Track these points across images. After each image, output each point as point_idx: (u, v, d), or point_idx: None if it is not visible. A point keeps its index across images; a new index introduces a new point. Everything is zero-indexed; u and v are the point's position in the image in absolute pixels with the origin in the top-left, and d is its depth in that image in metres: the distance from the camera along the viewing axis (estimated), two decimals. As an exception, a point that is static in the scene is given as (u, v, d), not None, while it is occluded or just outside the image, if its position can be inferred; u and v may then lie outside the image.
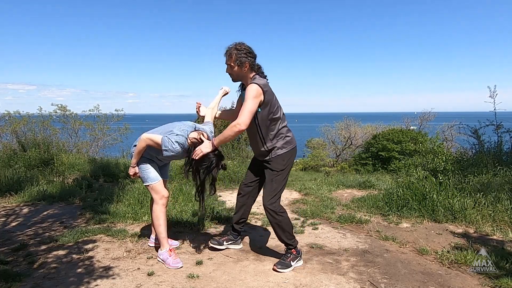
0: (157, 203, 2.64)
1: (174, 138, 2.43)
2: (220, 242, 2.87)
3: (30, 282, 2.28)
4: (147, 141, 2.50)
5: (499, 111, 5.23)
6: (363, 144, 21.12)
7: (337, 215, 3.88)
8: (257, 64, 2.56)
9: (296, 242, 2.63)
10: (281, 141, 2.56)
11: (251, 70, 2.53)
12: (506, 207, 3.50)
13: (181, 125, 2.57)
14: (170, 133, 2.47)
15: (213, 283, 2.32)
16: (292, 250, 2.59)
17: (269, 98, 2.46)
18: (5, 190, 4.61)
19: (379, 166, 16.07)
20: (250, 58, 2.49)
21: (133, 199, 4.06)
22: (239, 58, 2.46)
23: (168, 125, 2.64)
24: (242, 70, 2.50)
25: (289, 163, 2.59)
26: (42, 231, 3.28)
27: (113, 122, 12.62)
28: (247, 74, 2.53)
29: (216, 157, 2.44)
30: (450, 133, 16.57)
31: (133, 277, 2.38)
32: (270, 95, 2.48)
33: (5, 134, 8.68)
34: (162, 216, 2.64)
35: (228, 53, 2.50)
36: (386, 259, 2.73)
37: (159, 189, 2.64)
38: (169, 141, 2.41)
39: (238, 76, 2.57)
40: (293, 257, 2.57)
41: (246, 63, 2.48)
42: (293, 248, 2.59)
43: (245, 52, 2.47)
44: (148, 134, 2.51)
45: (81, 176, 5.85)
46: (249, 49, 2.50)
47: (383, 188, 4.93)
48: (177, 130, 2.49)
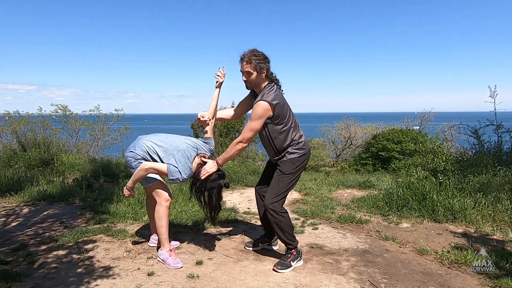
0: (161, 204, 2.62)
1: (179, 165, 2.44)
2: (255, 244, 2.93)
3: (30, 282, 2.28)
4: (149, 171, 2.48)
5: (499, 111, 5.23)
6: (363, 144, 21.11)
7: (337, 215, 3.88)
8: (271, 72, 2.53)
9: (296, 242, 2.62)
10: (294, 147, 2.54)
11: (266, 77, 2.50)
12: (506, 207, 3.50)
13: (184, 148, 2.52)
14: (171, 157, 2.47)
15: (213, 283, 2.32)
16: (292, 251, 2.59)
17: (279, 112, 2.42)
18: (5, 190, 4.61)
19: (379, 166, 16.08)
20: (267, 64, 2.47)
21: (133, 199, 4.05)
22: (259, 63, 2.41)
23: (168, 139, 2.58)
24: (260, 77, 2.46)
25: (300, 167, 2.56)
26: (42, 231, 3.28)
27: (113, 122, 12.62)
28: (262, 81, 2.50)
29: (219, 177, 2.49)
30: (450, 133, 16.56)
31: (133, 277, 2.38)
32: (281, 108, 2.42)
33: (5, 134, 8.68)
34: (165, 217, 2.63)
35: (246, 59, 2.43)
36: (386, 259, 2.73)
37: (161, 191, 2.63)
38: (175, 171, 2.43)
39: (255, 84, 2.51)
40: (293, 258, 2.57)
41: (264, 69, 2.45)
42: (293, 249, 2.59)
43: (263, 58, 2.45)
44: (151, 164, 2.47)
45: (81, 176, 5.86)
46: (265, 55, 2.47)
47: (383, 188, 4.93)
48: (180, 157, 2.47)
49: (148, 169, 2.46)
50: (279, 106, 2.41)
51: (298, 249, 2.63)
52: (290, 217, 2.64)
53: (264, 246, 2.93)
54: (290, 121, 2.52)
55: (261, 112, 2.36)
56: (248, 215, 3.96)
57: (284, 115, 2.47)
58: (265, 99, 2.38)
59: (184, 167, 2.46)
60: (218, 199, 2.56)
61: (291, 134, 2.52)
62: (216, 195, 2.53)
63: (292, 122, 2.53)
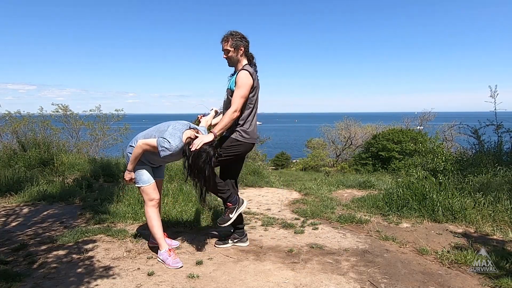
0: (147, 205, 2.66)
1: (168, 136, 2.42)
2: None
3: (30, 282, 2.28)
4: (143, 147, 2.50)
5: (499, 111, 5.23)
6: (363, 144, 21.13)
7: (337, 215, 3.89)
8: (250, 52, 2.79)
9: (227, 194, 2.70)
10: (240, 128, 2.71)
11: (245, 55, 2.75)
12: (506, 207, 3.50)
13: (175, 123, 2.56)
14: (163, 133, 2.46)
15: (213, 283, 2.32)
16: (227, 204, 2.71)
17: (256, 85, 2.69)
18: (5, 190, 4.61)
19: (379, 166, 16.10)
20: (244, 42, 2.72)
21: (133, 199, 4.06)
22: (235, 41, 2.68)
23: (162, 124, 2.63)
24: (238, 54, 2.72)
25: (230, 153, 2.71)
26: (42, 231, 3.28)
27: (113, 122, 12.62)
28: (241, 59, 2.75)
29: (212, 148, 2.43)
30: (450, 133, 16.57)
31: (133, 277, 2.38)
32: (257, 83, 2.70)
33: (5, 134, 8.68)
34: (155, 217, 2.65)
35: (224, 39, 2.71)
36: (386, 259, 2.73)
37: (149, 192, 2.64)
38: (164, 141, 2.41)
39: (234, 61, 2.76)
40: (230, 210, 2.70)
41: (241, 47, 2.71)
42: (226, 202, 2.71)
43: (240, 37, 2.70)
44: (143, 140, 2.51)
45: (81, 176, 5.86)
46: (243, 35, 2.73)
47: (383, 188, 4.93)
48: (171, 129, 2.48)
49: (142, 146, 2.49)
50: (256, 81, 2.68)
51: (233, 199, 2.72)
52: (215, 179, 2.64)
53: (234, 242, 3.00)
54: (253, 107, 2.73)
55: (245, 78, 2.61)
56: (248, 215, 3.96)
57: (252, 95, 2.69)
58: (245, 69, 2.66)
59: (173, 136, 2.42)
60: (209, 170, 2.45)
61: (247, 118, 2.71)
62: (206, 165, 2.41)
63: (254, 108, 2.74)
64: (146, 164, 2.66)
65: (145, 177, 2.63)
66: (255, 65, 2.82)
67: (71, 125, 11.47)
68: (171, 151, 2.41)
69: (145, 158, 2.62)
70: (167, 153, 2.41)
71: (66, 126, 11.31)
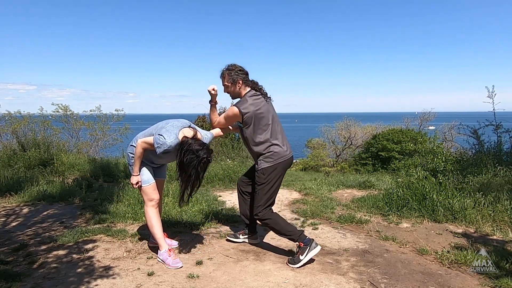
0: (147, 205, 2.66)
1: (164, 132, 2.41)
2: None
3: (30, 282, 2.28)
4: (143, 145, 2.50)
5: (498, 111, 5.23)
6: (363, 144, 21.12)
7: (337, 215, 3.89)
8: (251, 80, 2.77)
9: (297, 233, 2.64)
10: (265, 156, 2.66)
11: (245, 85, 2.74)
12: (506, 207, 3.50)
13: (174, 121, 2.55)
14: (161, 129, 2.46)
15: (213, 283, 2.32)
16: (299, 244, 2.61)
17: (248, 120, 2.62)
18: (5, 190, 4.61)
19: (379, 166, 16.09)
20: (241, 75, 2.71)
21: (133, 199, 4.06)
22: (231, 77, 2.70)
23: (163, 122, 2.62)
24: (236, 87, 2.73)
25: (272, 176, 2.65)
26: (42, 231, 3.28)
27: (113, 122, 12.61)
28: (242, 90, 2.74)
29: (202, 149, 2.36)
30: (450, 133, 16.57)
31: (133, 277, 2.38)
32: (250, 118, 2.62)
33: (5, 134, 8.67)
34: (154, 217, 2.65)
35: (222, 75, 2.76)
36: (386, 259, 2.73)
37: (149, 192, 2.64)
38: (159, 137, 2.40)
39: (235, 94, 2.78)
40: (301, 251, 2.58)
41: (239, 80, 2.70)
42: (297, 241, 2.62)
43: (236, 71, 2.71)
44: (142, 138, 2.52)
45: (81, 176, 5.86)
46: (240, 68, 2.73)
47: (383, 188, 4.93)
48: (169, 126, 2.47)
49: (142, 144, 2.50)
50: (248, 116, 2.61)
51: (304, 239, 2.61)
52: (278, 216, 2.70)
53: (245, 239, 3.07)
54: (266, 131, 2.66)
55: (230, 115, 2.67)
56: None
57: (256, 127, 2.64)
58: (237, 105, 2.65)
59: (169, 133, 2.40)
60: (197, 175, 2.40)
61: (266, 144, 2.66)
62: (193, 170, 2.36)
63: (269, 132, 2.66)
64: (146, 163, 2.66)
65: (145, 177, 2.63)
66: (261, 89, 2.77)
67: (71, 125, 11.45)
68: (166, 148, 2.37)
69: (146, 157, 2.62)
70: (161, 149, 2.38)
71: (66, 126, 11.29)
